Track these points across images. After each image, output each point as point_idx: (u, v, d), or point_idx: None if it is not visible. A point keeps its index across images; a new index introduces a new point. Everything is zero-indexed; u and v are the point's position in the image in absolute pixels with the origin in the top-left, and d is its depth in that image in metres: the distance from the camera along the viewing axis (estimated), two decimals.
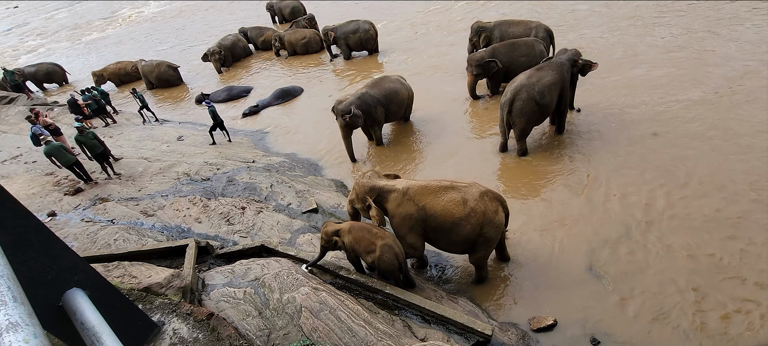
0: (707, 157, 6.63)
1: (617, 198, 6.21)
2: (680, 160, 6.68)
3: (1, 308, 0.68)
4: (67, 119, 11.70)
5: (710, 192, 5.98)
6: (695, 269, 4.97)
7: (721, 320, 4.43)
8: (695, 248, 5.21)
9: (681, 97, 8.30)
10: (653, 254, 5.26)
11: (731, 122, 7.31)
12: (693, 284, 4.81)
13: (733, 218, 5.52)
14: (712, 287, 4.76)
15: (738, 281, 4.77)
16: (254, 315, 4.31)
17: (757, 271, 4.81)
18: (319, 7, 20.81)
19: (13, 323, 0.68)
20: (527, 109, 7.06)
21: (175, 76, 15.13)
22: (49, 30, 30.41)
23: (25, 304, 0.74)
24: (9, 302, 0.70)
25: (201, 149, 9.71)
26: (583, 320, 4.68)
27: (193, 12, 27.48)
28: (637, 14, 12.67)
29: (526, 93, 7.04)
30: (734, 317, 4.44)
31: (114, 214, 6.85)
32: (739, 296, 4.61)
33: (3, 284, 0.74)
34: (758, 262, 4.91)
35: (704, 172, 6.35)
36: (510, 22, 10.99)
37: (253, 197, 7.25)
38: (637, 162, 6.84)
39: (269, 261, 5.12)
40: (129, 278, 4.55)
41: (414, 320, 4.47)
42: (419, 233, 4.94)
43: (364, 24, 13.64)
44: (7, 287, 0.74)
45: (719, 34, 10.48)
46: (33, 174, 8.79)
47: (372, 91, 8.48)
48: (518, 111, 7.11)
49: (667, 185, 6.24)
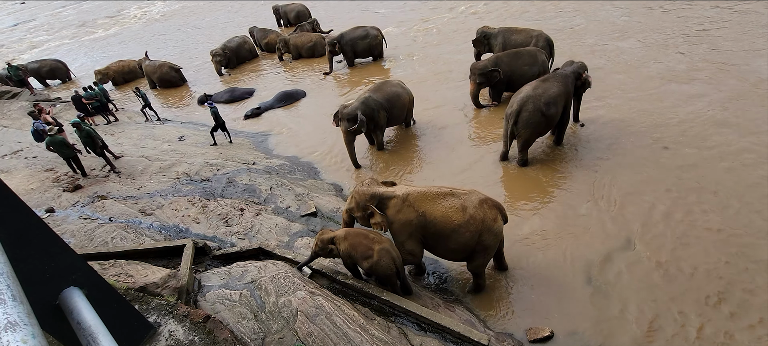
0: (713, 171, 6.64)
1: (617, 210, 6.20)
2: (684, 173, 6.68)
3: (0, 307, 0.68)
4: (69, 116, 11.73)
5: (715, 208, 5.96)
6: (696, 285, 4.95)
7: (724, 336, 4.40)
8: (697, 263, 5.20)
9: (688, 109, 8.33)
10: (653, 267, 5.24)
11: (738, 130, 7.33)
12: (694, 300, 4.79)
13: (738, 235, 5.49)
14: (713, 302, 4.74)
15: (741, 298, 4.74)
16: (249, 318, 4.29)
17: (761, 287, 4.80)
18: (322, 12, 20.95)
19: (12, 322, 0.67)
20: (534, 120, 7.09)
21: (177, 77, 15.18)
22: (54, 26, 30.58)
23: (24, 303, 0.73)
24: (8, 301, 0.69)
25: (202, 150, 9.72)
26: (580, 332, 4.66)
27: (201, 12, 27.63)
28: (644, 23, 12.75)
29: (533, 104, 7.06)
30: (737, 334, 4.41)
31: (112, 212, 6.84)
32: (742, 314, 4.58)
33: (2, 282, 0.73)
34: (760, 278, 4.90)
35: (708, 186, 6.35)
36: (513, 30, 11.07)
37: (253, 199, 7.25)
38: (638, 174, 6.84)
39: (266, 264, 5.11)
40: (125, 276, 4.54)
41: (410, 328, 4.45)
42: (418, 239, 4.93)
43: (371, 30, 13.72)
44: (6, 285, 0.73)
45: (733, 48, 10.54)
46: (33, 169, 8.80)
47: (375, 96, 8.52)
48: (524, 122, 7.13)
49: (668, 199, 6.24)
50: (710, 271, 5.07)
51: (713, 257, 5.24)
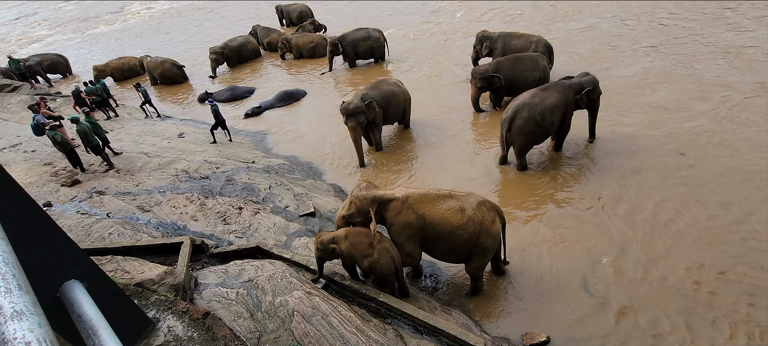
0: (710, 178, 6.67)
1: (615, 216, 6.22)
2: (680, 181, 6.71)
3: (6, 296, 0.68)
4: (68, 110, 11.71)
5: (715, 214, 5.98)
6: (694, 291, 4.97)
7: (724, 343, 4.41)
8: (695, 270, 5.21)
9: (685, 116, 8.37)
10: (650, 273, 5.26)
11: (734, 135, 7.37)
12: (691, 305, 4.80)
13: (737, 242, 5.51)
14: (710, 308, 4.75)
15: (739, 304, 4.75)
16: (245, 317, 4.28)
17: (758, 295, 4.81)
18: (324, 13, 21.00)
19: (18, 311, 0.67)
20: (527, 128, 7.10)
21: (179, 74, 15.19)
22: (57, 21, 30.56)
23: (30, 293, 0.73)
24: (14, 290, 0.70)
25: (201, 147, 9.72)
26: (576, 337, 4.67)
27: (203, 11, 27.65)
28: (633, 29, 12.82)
29: (527, 113, 7.07)
30: (734, 341, 4.42)
31: (110, 207, 6.83)
32: (739, 321, 4.59)
33: (8, 272, 0.74)
34: (759, 282, 4.91)
35: (705, 194, 6.38)
36: (512, 35, 11.13)
37: (251, 198, 7.25)
38: (636, 181, 6.86)
39: (264, 263, 5.10)
40: (122, 272, 4.53)
41: (406, 330, 4.45)
42: (417, 241, 4.94)
43: (374, 32, 13.76)
44: (12, 274, 0.74)
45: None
46: (31, 163, 8.78)
47: (371, 93, 8.55)
48: (518, 129, 7.15)
49: (666, 204, 6.27)
50: (710, 279, 5.08)
51: (715, 266, 5.24)
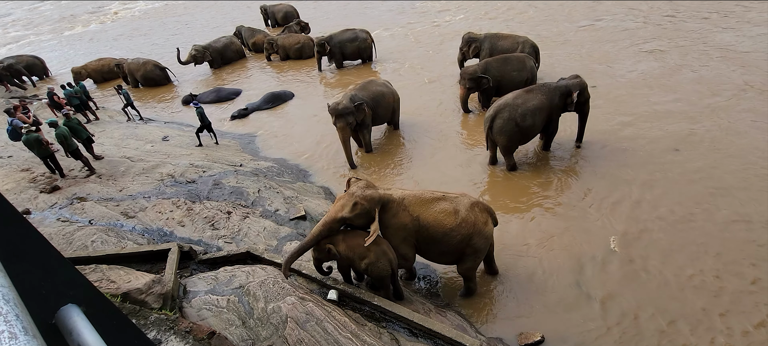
0: (697, 179, 6.81)
1: (607, 215, 6.29)
2: (674, 177, 6.83)
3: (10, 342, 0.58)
4: (45, 114, 11.30)
5: (699, 214, 6.10)
6: (685, 289, 5.05)
7: (710, 342, 4.49)
8: (690, 267, 5.29)
9: (671, 116, 8.55)
10: (642, 272, 5.33)
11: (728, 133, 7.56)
12: (683, 304, 4.88)
13: (733, 237, 5.62)
14: (701, 305, 4.84)
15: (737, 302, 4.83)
16: (237, 325, 4.18)
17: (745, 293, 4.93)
18: (310, 13, 20.82)
19: None
20: (507, 129, 7.15)
21: (161, 75, 14.82)
22: (33, 22, 29.54)
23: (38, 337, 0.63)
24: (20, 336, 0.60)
25: (187, 151, 9.49)
26: (570, 336, 4.69)
27: (184, 12, 27.10)
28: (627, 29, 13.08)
29: (508, 113, 7.12)
30: (723, 338, 4.50)
31: (92, 214, 6.60)
32: (738, 319, 4.66)
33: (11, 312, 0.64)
34: (758, 276, 5.03)
35: (694, 192, 6.50)
36: (499, 36, 11.20)
37: (240, 202, 7.10)
38: (627, 180, 6.96)
39: (255, 269, 4.99)
40: (107, 282, 4.37)
41: (402, 333, 4.40)
42: (412, 243, 4.90)
43: (361, 33, 13.67)
44: (15, 315, 0.63)
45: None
46: (7, 169, 8.43)
47: (360, 94, 8.48)
48: (498, 129, 7.20)
49: (659, 204, 6.37)
50: (704, 278, 5.16)
51: (706, 262, 5.34)
